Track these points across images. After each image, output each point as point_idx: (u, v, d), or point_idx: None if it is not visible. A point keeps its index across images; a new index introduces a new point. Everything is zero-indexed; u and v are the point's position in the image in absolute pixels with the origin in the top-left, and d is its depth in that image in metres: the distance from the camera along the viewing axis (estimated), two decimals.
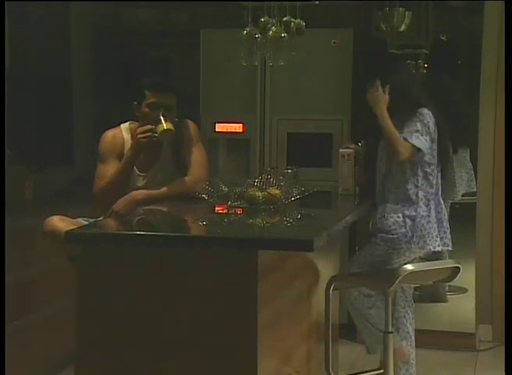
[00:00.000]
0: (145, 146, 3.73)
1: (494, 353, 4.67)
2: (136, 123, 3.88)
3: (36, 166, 4.71)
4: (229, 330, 2.72)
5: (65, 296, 4.10)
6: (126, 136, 3.89)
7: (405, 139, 3.72)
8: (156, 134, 3.70)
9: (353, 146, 4.12)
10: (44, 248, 4.03)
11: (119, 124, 3.94)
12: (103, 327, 2.82)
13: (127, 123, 3.93)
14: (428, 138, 3.76)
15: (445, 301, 5.07)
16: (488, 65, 4.87)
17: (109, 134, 3.90)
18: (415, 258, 3.83)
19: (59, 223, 3.54)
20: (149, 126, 3.70)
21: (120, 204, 3.71)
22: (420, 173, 3.81)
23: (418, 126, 3.75)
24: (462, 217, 3.82)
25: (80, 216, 3.73)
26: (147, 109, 3.80)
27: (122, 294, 2.81)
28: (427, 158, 3.79)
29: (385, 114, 3.75)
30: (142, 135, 3.71)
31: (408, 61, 4.92)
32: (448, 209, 4.17)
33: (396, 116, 3.76)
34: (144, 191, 3.76)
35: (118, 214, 3.64)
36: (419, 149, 3.73)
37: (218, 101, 5.18)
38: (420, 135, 3.74)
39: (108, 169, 3.79)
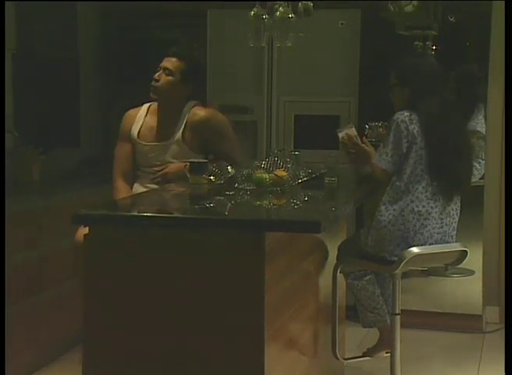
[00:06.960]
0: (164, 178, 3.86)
1: (501, 335, 4.65)
2: (156, 105, 3.97)
3: (43, 148, 4.72)
4: (236, 311, 2.73)
5: (72, 277, 4.12)
6: (143, 115, 3.99)
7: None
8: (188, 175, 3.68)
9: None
10: (51, 228, 4.05)
11: (141, 104, 4.05)
12: (110, 308, 2.83)
13: (148, 104, 4.02)
14: (395, 152, 3.51)
15: (444, 275, 5.04)
16: (496, 46, 4.83)
17: (129, 114, 4.03)
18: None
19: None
20: (183, 172, 3.71)
21: (173, 167, 3.83)
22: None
23: (390, 138, 3.51)
24: (469, 199, 3.79)
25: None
26: (158, 71, 3.91)
27: (130, 275, 2.82)
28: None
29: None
30: (173, 176, 3.81)
31: (416, 42, 4.89)
32: None
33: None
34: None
35: (166, 178, 3.81)
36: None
37: (225, 83, 5.17)
38: (388, 151, 3.51)
39: (124, 149, 3.96)
